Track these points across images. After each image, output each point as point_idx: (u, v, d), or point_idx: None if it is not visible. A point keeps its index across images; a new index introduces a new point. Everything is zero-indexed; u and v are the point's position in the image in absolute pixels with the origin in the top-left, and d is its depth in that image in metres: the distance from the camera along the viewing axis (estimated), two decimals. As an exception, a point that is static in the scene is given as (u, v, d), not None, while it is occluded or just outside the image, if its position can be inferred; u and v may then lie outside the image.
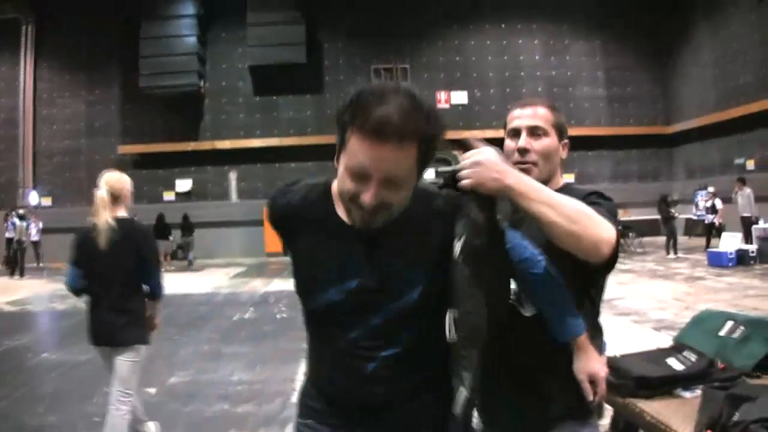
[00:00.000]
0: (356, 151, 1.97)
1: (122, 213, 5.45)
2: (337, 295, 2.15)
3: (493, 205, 2.16)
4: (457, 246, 2.12)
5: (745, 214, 22.43)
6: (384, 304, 2.13)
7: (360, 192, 1.99)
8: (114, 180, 5.45)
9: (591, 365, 2.52)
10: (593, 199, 2.61)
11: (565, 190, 2.73)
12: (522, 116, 2.93)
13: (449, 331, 2.12)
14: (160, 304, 5.80)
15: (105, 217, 5.31)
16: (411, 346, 2.17)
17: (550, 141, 2.85)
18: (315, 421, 2.34)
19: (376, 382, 2.17)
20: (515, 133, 2.91)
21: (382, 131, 1.91)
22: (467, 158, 2.24)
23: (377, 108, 1.92)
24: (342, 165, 2.05)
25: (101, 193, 5.33)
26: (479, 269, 2.10)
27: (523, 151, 2.83)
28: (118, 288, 5.43)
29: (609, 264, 2.33)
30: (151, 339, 5.79)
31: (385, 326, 2.14)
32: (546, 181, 2.68)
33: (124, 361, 5.45)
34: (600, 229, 2.25)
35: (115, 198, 5.40)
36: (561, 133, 2.91)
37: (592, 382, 2.52)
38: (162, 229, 28.04)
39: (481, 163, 2.19)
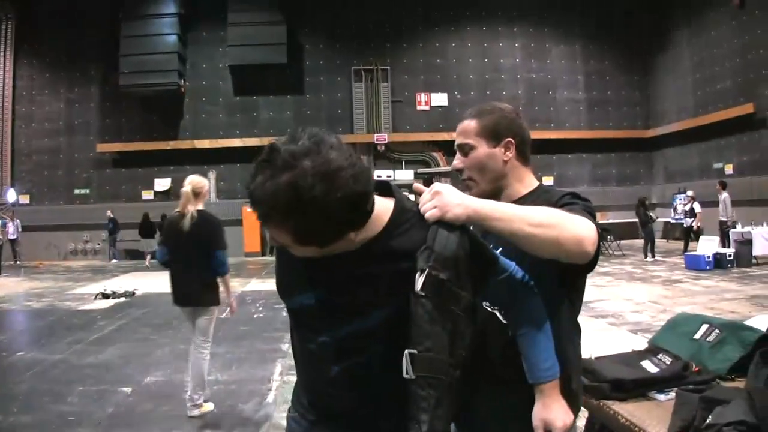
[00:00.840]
0: None
1: (201, 206, 7.21)
2: (308, 300, 2.16)
3: (464, 233, 2.09)
4: (419, 280, 1.99)
5: (722, 219, 22.55)
6: (350, 319, 2.11)
7: None
8: (197, 181, 7.26)
9: (551, 414, 2.38)
10: (567, 200, 2.52)
11: (538, 192, 2.72)
12: (456, 136, 2.87)
13: (406, 371, 1.96)
14: (227, 278, 7.39)
15: (190, 208, 7.08)
16: (377, 359, 2.12)
17: (476, 152, 2.74)
18: (299, 415, 2.37)
19: (339, 386, 2.16)
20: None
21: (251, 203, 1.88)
22: (424, 195, 2.20)
23: (253, 179, 1.87)
24: None
25: (187, 189, 7.15)
26: (443, 304, 1.99)
27: (459, 171, 2.84)
28: (196, 262, 7.12)
29: (591, 262, 2.29)
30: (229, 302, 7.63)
31: (352, 337, 2.11)
32: (499, 191, 2.74)
33: (203, 318, 7.30)
34: (578, 228, 2.20)
35: (196, 194, 7.19)
36: (494, 135, 2.72)
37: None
38: (148, 227, 27.95)
39: (442, 191, 2.14)
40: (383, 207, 2.11)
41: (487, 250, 2.22)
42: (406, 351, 1.97)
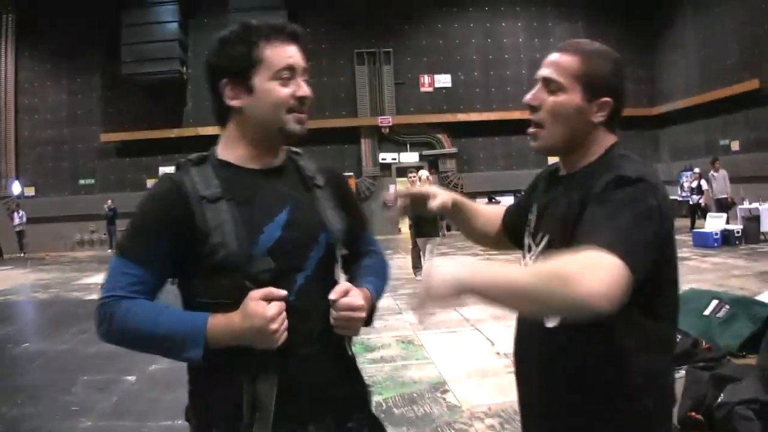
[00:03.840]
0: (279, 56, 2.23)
1: None
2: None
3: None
4: None
5: (722, 196, 22.56)
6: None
7: (295, 90, 2.27)
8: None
9: (353, 300, 2.23)
10: (605, 195, 1.98)
11: (599, 163, 2.18)
12: (543, 63, 2.32)
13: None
14: None
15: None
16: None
17: (565, 98, 2.18)
18: None
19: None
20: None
21: (294, 34, 2.30)
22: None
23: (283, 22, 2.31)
24: (264, 80, 2.22)
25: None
26: None
27: (531, 108, 2.31)
28: None
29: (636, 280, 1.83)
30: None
31: None
32: (567, 151, 2.27)
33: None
34: (574, 288, 1.74)
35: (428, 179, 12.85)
36: (592, 88, 2.16)
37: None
38: None
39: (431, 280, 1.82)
40: None
41: None
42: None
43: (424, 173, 15.59)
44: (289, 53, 2.25)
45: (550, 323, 2.11)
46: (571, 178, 2.25)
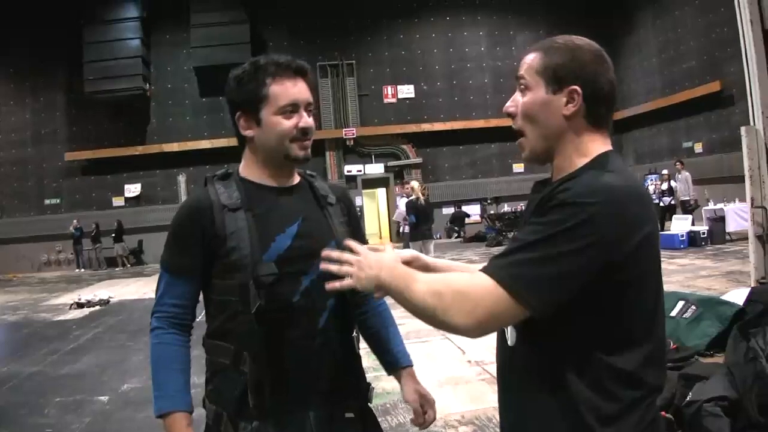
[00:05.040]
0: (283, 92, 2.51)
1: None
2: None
3: None
4: None
5: (684, 198, 22.89)
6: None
7: (298, 122, 2.53)
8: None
9: (422, 388, 2.83)
10: (535, 215, 1.88)
11: (579, 171, 1.94)
12: None
13: None
14: None
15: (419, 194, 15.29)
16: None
17: (531, 95, 2.04)
18: None
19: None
20: None
21: (300, 70, 2.61)
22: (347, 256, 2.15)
23: (288, 60, 2.60)
24: (270, 114, 2.51)
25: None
26: None
27: (511, 117, 2.13)
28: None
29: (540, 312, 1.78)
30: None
31: None
32: (549, 156, 2.09)
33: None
34: (447, 315, 1.82)
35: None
36: (554, 79, 2.00)
37: (423, 405, 2.80)
38: (121, 233, 28.63)
39: (362, 259, 2.08)
40: None
41: None
42: None
43: (415, 184, 16.59)
44: (293, 89, 2.55)
45: (510, 341, 2.02)
46: (549, 186, 2.01)
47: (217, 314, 2.55)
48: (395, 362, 2.86)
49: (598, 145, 2.02)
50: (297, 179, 2.71)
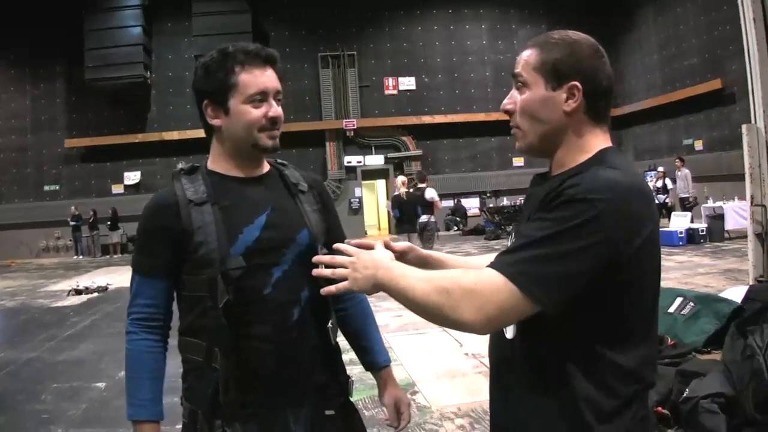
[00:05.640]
0: (252, 81, 2.45)
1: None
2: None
3: None
4: None
5: (683, 195, 22.97)
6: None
7: (267, 111, 2.46)
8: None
9: (398, 391, 2.82)
10: (541, 210, 1.86)
11: (579, 167, 1.95)
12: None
13: None
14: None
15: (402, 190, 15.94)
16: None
17: (529, 93, 2.02)
18: None
19: None
20: None
21: (269, 58, 2.53)
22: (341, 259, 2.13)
23: (257, 48, 2.53)
24: (238, 103, 2.45)
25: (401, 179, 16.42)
26: None
27: (508, 114, 2.13)
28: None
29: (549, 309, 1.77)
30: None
31: None
32: (550, 150, 2.10)
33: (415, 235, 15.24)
34: (453, 311, 1.80)
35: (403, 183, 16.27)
36: (553, 75, 1.98)
37: (398, 408, 2.77)
38: (116, 221, 28.75)
39: (357, 261, 2.07)
40: None
41: None
42: None
43: (400, 179, 17.15)
44: (262, 78, 2.46)
45: (509, 334, 2.02)
46: (549, 180, 2.06)
47: (189, 311, 2.49)
48: (374, 363, 2.85)
49: (598, 140, 2.03)
50: (266, 168, 2.66)
